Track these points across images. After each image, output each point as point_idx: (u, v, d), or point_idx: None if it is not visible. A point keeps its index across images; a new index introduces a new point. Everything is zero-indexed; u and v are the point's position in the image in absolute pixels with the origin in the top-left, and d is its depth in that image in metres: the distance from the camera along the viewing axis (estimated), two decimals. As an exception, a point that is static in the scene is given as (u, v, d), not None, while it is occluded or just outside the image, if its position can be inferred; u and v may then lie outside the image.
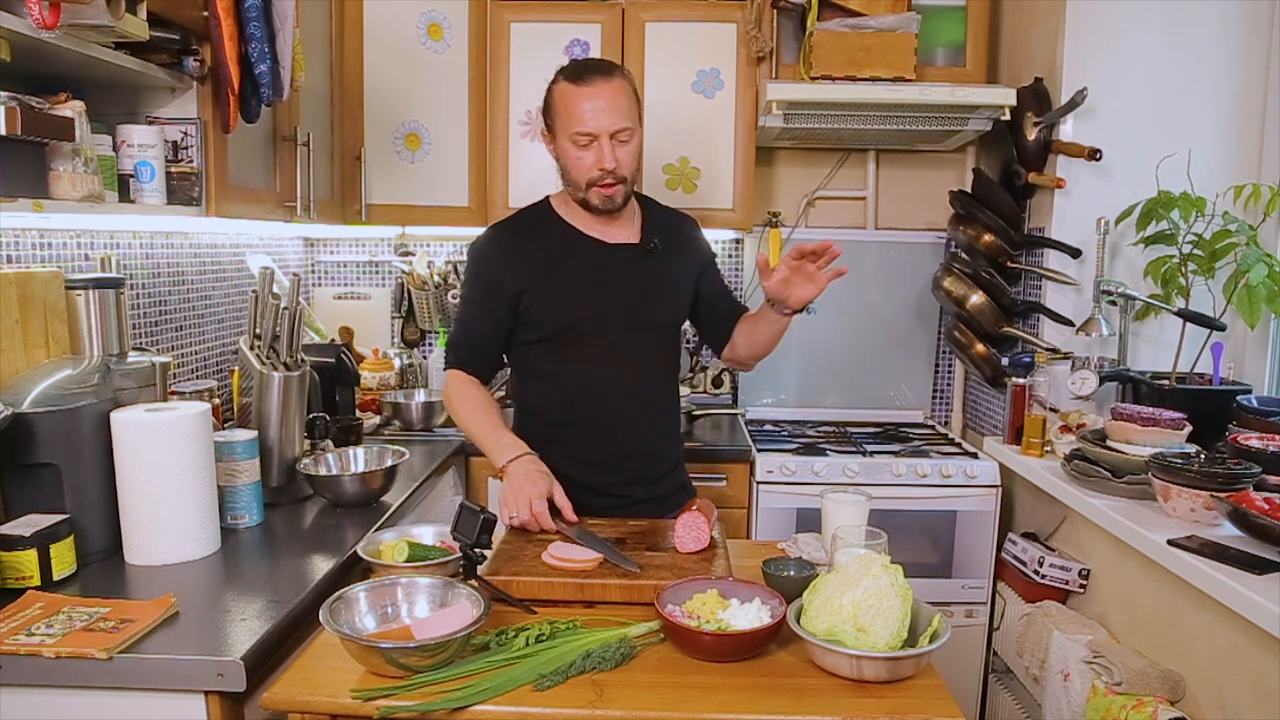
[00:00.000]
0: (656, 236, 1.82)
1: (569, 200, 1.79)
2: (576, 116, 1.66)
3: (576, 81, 1.68)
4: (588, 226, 1.79)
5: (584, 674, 1.15)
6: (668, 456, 1.90)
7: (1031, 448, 2.31)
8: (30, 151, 1.39)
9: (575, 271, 1.77)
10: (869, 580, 1.18)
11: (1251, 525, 1.56)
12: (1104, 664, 1.75)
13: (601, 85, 1.66)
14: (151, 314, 2.15)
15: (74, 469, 1.46)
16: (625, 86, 1.70)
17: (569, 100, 1.68)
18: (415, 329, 3.12)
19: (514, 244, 1.80)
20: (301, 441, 1.93)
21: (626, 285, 1.78)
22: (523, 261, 1.76)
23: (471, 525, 1.36)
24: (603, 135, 1.66)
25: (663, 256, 1.81)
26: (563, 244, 1.79)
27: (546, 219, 1.82)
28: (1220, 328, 2.17)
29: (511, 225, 1.84)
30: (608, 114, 1.66)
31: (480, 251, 1.82)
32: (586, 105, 1.65)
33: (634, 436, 1.83)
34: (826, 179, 3.07)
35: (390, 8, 2.66)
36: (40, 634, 1.19)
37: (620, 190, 1.71)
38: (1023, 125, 2.50)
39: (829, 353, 3.06)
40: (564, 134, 1.69)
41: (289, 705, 1.11)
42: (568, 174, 1.73)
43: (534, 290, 1.74)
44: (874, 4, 2.61)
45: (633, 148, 1.71)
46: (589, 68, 1.70)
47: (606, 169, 1.67)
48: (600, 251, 1.78)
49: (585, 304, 1.76)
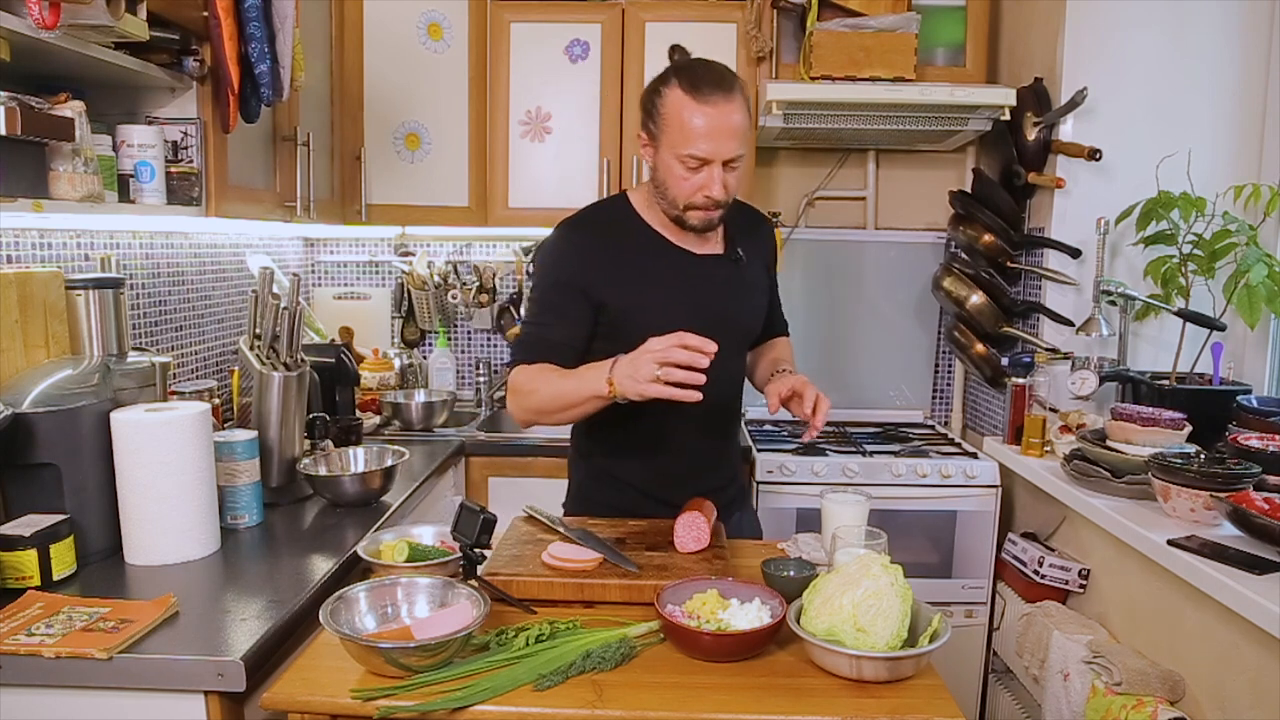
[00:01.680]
0: (739, 244, 1.71)
1: (653, 203, 1.64)
2: (689, 136, 1.49)
3: (694, 95, 1.49)
4: (672, 233, 1.65)
5: (584, 674, 1.15)
6: (733, 464, 1.85)
7: (1031, 448, 2.31)
8: (30, 151, 1.39)
9: (664, 285, 1.63)
10: (869, 580, 1.18)
11: (1251, 525, 1.56)
12: (1104, 664, 1.75)
13: (721, 104, 1.49)
14: (151, 314, 2.15)
15: (74, 469, 1.46)
16: (743, 103, 1.52)
17: (683, 115, 1.50)
18: (415, 329, 3.12)
19: (596, 249, 1.64)
20: (301, 441, 1.93)
21: (715, 299, 1.66)
22: (606, 270, 1.61)
23: (471, 525, 1.36)
24: (716, 162, 1.50)
25: (745, 266, 1.71)
26: (649, 253, 1.64)
27: (628, 222, 1.66)
28: (1220, 328, 2.17)
29: (591, 227, 1.67)
30: (725, 138, 1.49)
31: (557, 254, 1.65)
32: (702, 126, 1.48)
33: (710, 447, 1.75)
34: (826, 179, 3.07)
35: (390, 8, 2.66)
36: (40, 634, 1.19)
37: (720, 213, 1.59)
38: (1023, 125, 2.50)
39: (829, 353, 3.06)
40: (670, 150, 1.53)
41: (289, 705, 1.11)
42: (666, 190, 1.58)
43: (619, 302, 1.60)
44: (874, 4, 2.61)
45: (742, 173, 1.57)
46: (709, 79, 1.51)
47: (713, 198, 1.53)
48: (689, 263, 1.65)
49: (673, 320, 1.57)
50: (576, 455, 1.80)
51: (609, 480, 1.74)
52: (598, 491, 1.75)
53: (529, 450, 2.54)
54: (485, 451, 2.57)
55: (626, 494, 1.71)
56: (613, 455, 1.72)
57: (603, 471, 1.75)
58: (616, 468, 1.72)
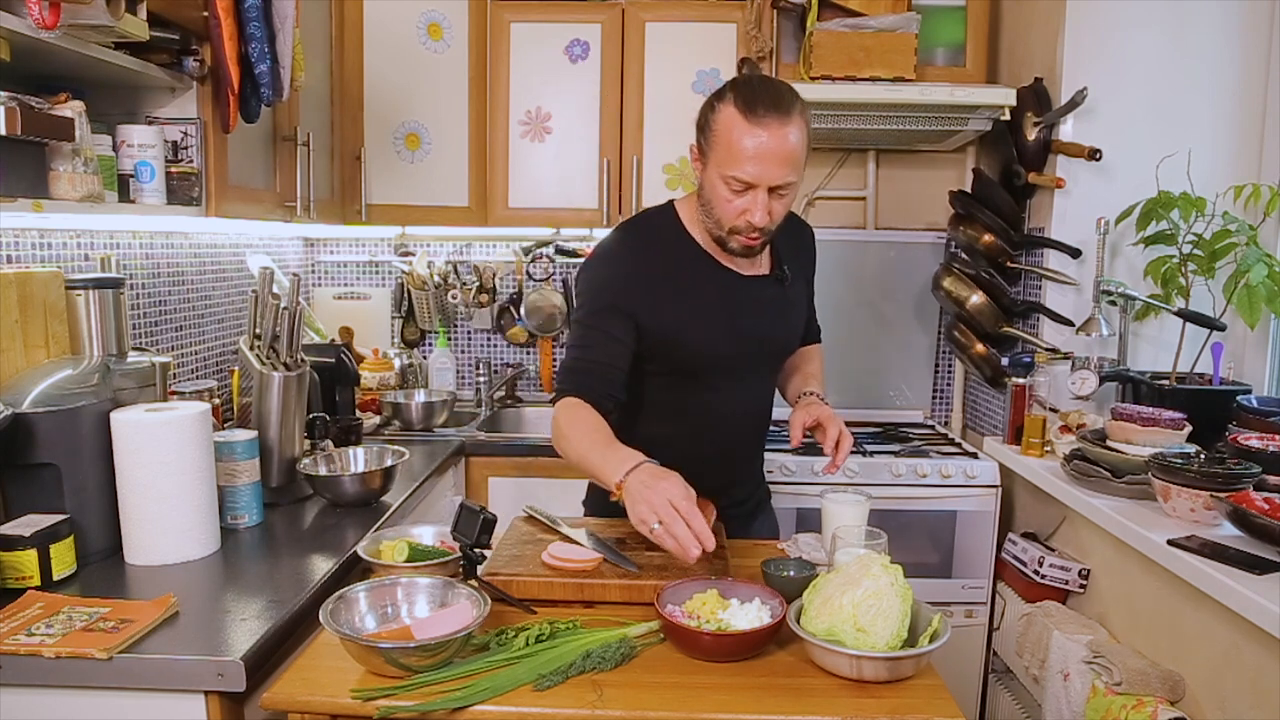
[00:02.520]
0: (785, 262, 1.66)
1: (698, 217, 1.58)
2: (737, 157, 1.43)
3: (747, 114, 1.42)
4: (719, 252, 1.59)
5: (584, 674, 1.15)
6: (758, 473, 1.86)
7: (1031, 448, 2.31)
8: (30, 151, 1.39)
9: (707, 306, 1.58)
10: (869, 580, 1.18)
11: (1251, 525, 1.56)
12: (1104, 664, 1.75)
13: (775, 127, 1.41)
14: (151, 314, 2.15)
15: (74, 469, 1.46)
16: (801, 128, 1.44)
17: (734, 135, 1.43)
18: (415, 329, 3.12)
19: (641, 266, 1.58)
20: (301, 441, 1.93)
21: (758, 321, 1.63)
22: (650, 288, 1.56)
23: (471, 525, 1.36)
24: (762, 187, 1.44)
25: (790, 283, 1.68)
26: (695, 272, 1.59)
27: (675, 237, 1.61)
28: (1220, 328, 2.17)
29: (637, 241, 1.62)
30: (774, 164, 1.43)
31: (602, 272, 1.60)
32: (752, 147, 1.42)
33: (742, 460, 1.75)
34: (826, 179, 3.07)
35: (390, 8, 2.66)
36: (40, 634, 1.19)
37: (763, 241, 1.53)
38: (1023, 125, 2.50)
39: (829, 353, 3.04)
40: (717, 169, 1.47)
41: (289, 705, 1.11)
42: (710, 209, 1.52)
43: (661, 322, 1.56)
44: (874, 4, 2.61)
45: (790, 200, 1.50)
46: (765, 99, 1.43)
47: (755, 225, 1.47)
48: (735, 284, 1.61)
49: (716, 341, 1.59)
50: None
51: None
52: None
53: (529, 450, 2.54)
54: (485, 451, 2.58)
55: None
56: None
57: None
58: None
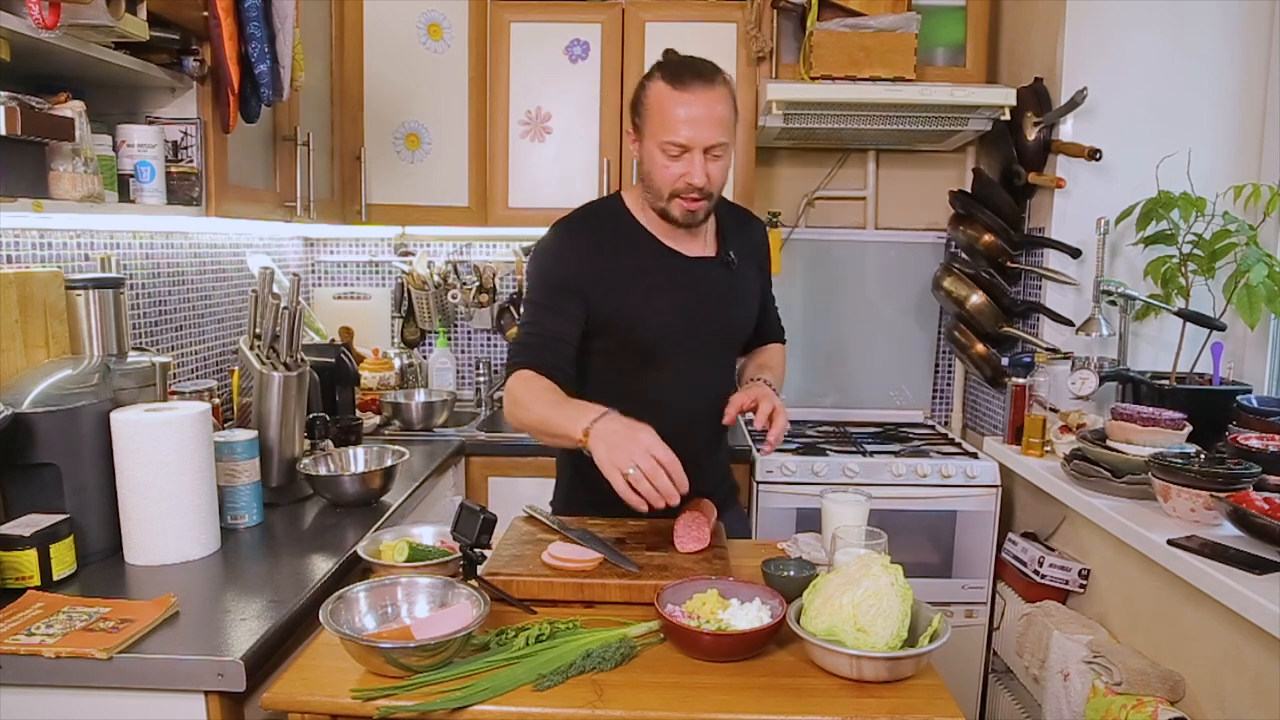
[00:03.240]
0: (731, 247, 1.72)
1: (645, 203, 1.66)
2: (670, 124, 1.53)
3: (674, 84, 1.53)
4: (664, 235, 1.66)
5: (584, 674, 1.15)
6: (723, 465, 1.86)
7: (1031, 448, 2.31)
8: (30, 151, 1.39)
9: (656, 287, 1.64)
10: (869, 580, 1.18)
11: (1251, 525, 1.56)
12: (1104, 664, 1.75)
13: (701, 92, 1.52)
14: (151, 314, 2.15)
15: (74, 469, 1.46)
16: (726, 94, 1.55)
17: (664, 104, 1.53)
18: (415, 329, 3.12)
19: (588, 248, 1.65)
20: (301, 441, 1.93)
21: (706, 303, 1.68)
22: (598, 269, 1.63)
23: (471, 525, 1.36)
24: (696, 149, 1.53)
25: (737, 269, 1.72)
26: (641, 254, 1.66)
27: (621, 221, 1.68)
28: (1220, 328, 2.17)
29: (584, 226, 1.69)
30: (705, 126, 1.52)
31: (551, 253, 1.66)
32: (682, 113, 1.51)
33: (699, 448, 1.74)
34: (826, 179, 3.07)
35: (390, 8, 2.66)
36: (40, 634, 1.19)
37: (704, 207, 1.60)
38: (1023, 125, 2.50)
39: (829, 353, 3.06)
40: (653, 139, 1.56)
41: (289, 705, 1.11)
42: (650, 181, 1.60)
43: (610, 303, 1.62)
44: (874, 4, 2.61)
45: (725, 163, 1.58)
46: (690, 70, 1.55)
47: (694, 185, 1.55)
48: (680, 264, 1.66)
49: (665, 322, 1.64)
50: (564, 454, 1.81)
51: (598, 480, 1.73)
52: (586, 491, 1.73)
53: (529, 450, 2.53)
54: (485, 451, 2.57)
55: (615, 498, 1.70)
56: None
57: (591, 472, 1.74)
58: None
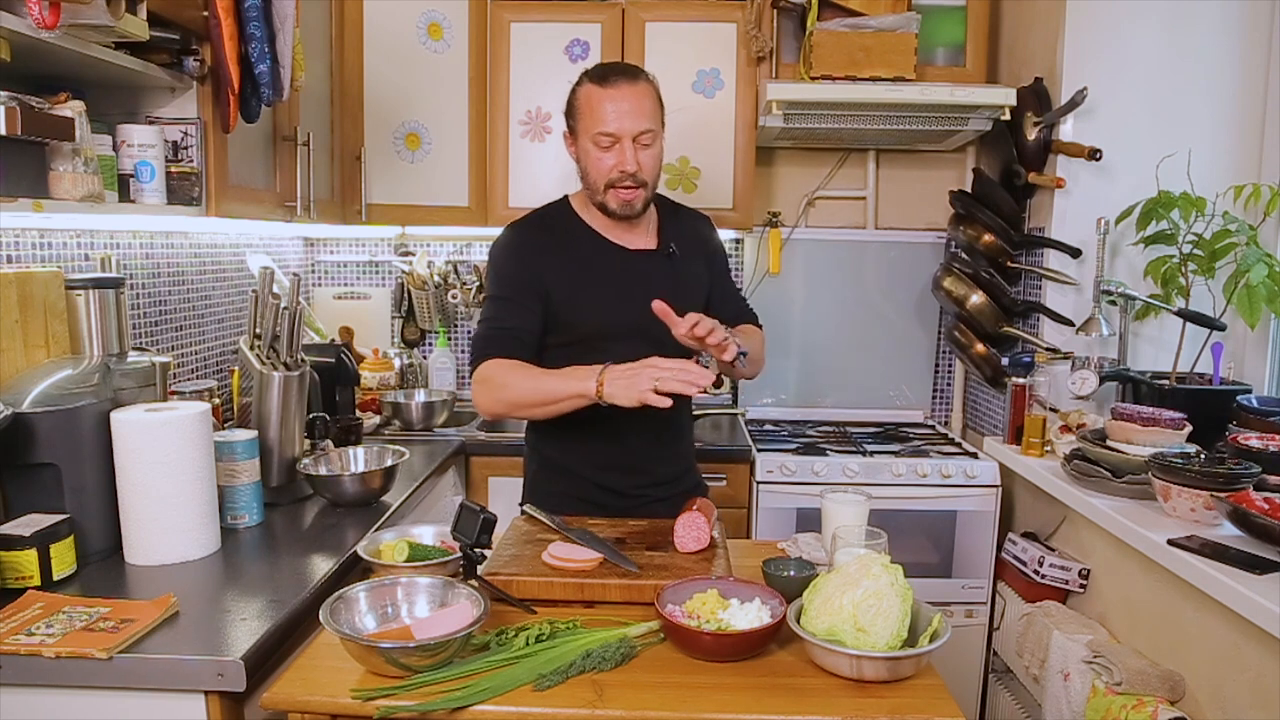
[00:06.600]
0: (673, 241, 1.81)
1: (589, 202, 1.76)
2: (599, 117, 1.65)
3: (601, 83, 1.66)
4: (608, 231, 1.77)
5: (584, 674, 1.15)
6: (685, 457, 1.91)
7: (1031, 448, 2.31)
8: (30, 151, 1.39)
9: (599, 278, 1.74)
10: (869, 580, 1.18)
11: (1251, 525, 1.56)
12: (1104, 664, 1.75)
13: (626, 87, 1.65)
14: (151, 314, 2.15)
15: (74, 469, 1.46)
16: (650, 90, 1.69)
17: (593, 101, 1.66)
18: (415, 329, 3.12)
19: (539, 243, 1.75)
20: (301, 441, 1.93)
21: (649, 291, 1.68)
22: (549, 262, 1.73)
23: (471, 525, 1.36)
24: (625, 137, 1.64)
25: (680, 261, 1.80)
26: (585, 249, 1.76)
27: (568, 220, 1.79)
28: (1220, 328, 2.17)
29: (534, 225, 1.79)
30: (631, 116, 1.64)
31: (507, 249, 1.76)
32: (610, 106, 1.64)
33: (654, 441, 1.81)
34: (826, 179, 3.07)
35: (390, 8, 2.66)
36: (40, 634, 1.19)
37: (640, 196, 1.69)
38: (1023, 125, 2.50)
39: (829, 353, 3.06)
40: (586, 135, 1.68)
41: (289, 705, 1.11)
42: (587, 175, 1.71)
43: (562, 296, 1.71)
44: (874, 4, 2.61)
45: (655, 152, 1.69)
46: (614, 70, 1.69)
47: (627, 171, 1.65)
48: (622, 258, 1.76)
49: (610, 312, 1.73)
50: (529, 449, 1.89)
51: (561, 471, 1.81)
52: (551, 483, 1.82)
53: (529, 450, 2.53)
54: (485, 451, 2.57)
55: (579, 484, 1.78)
56: (564, 447, 1.79)
57: (554, 463, 1.82)
58: (568, 459, 1.79)
